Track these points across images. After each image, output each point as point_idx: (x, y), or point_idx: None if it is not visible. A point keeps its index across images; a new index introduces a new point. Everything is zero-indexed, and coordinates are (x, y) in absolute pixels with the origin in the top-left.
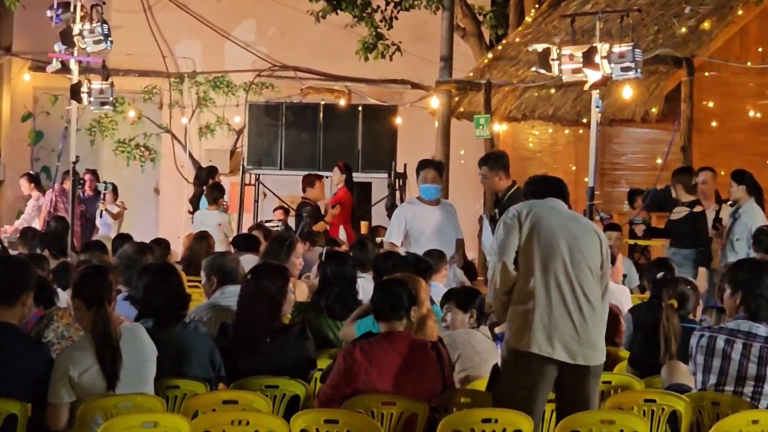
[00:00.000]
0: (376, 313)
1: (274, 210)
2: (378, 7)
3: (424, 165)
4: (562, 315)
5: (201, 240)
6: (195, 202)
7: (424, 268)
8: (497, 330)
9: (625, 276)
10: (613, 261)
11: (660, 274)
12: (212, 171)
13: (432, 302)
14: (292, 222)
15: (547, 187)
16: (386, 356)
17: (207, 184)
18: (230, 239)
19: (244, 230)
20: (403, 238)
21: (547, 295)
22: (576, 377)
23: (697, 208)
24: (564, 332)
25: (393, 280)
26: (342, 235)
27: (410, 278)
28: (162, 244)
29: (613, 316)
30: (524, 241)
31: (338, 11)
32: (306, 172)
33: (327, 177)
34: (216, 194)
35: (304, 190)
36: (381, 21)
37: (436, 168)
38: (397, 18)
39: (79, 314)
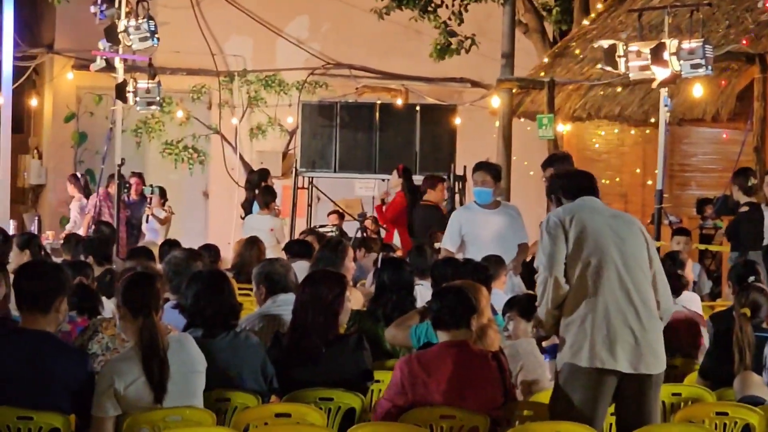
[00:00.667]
0: (435, 323)
1: (329, 214)
2: (442, 1)
3: (477, 168)
4: (621, 324)
5: (251, 246)
6: (247, 207)
7: (484, 276)
8: (545, 344)
9: (695, 283)
10: (683, 267)
11: (751, 278)
12: (264, 174)
13: (493, 311)
14: (347, 227)
15: (580, 184)
16: (445, 367)
17: (258, 188)
18: (283, 245)
19: (297, 236)
20: (461, 245)
21: (603, 304)
22: (637, 387)
23: (743, 209)
24: (624, 341)
25: (451, 288)
26: (397, 240)
27: (470, 285)
28: (211, 251)
29: (694, 326)
30: (572, 249)
31: (402, 8)
32: (361, 175)
33: (384, 180)
34: (268, 198)
35: (424, 192)
36: (449, 18)
37: (490, 170)
38: (467, 10)
39: (125, 323)
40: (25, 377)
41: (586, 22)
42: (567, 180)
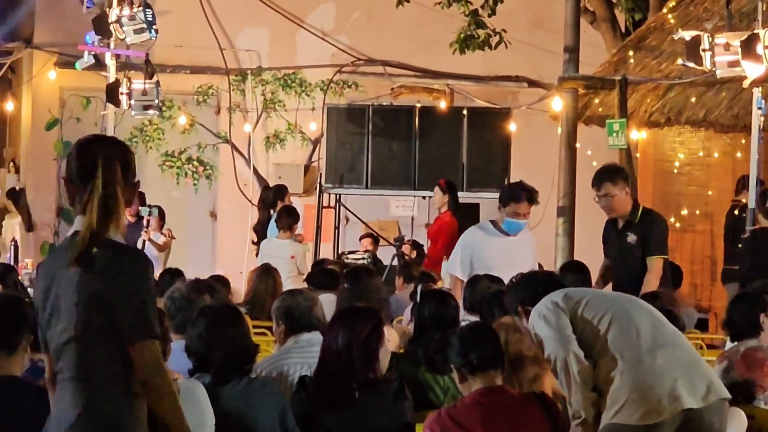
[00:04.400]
0: (464, 368)
1: (361, 238)
2: None
3: (515, 194)
4: (668, 361)
5: (264, 276)
6: (260, 230)
7: None
8: None
9: None
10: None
11: None
12: (282, 191)
13: None
14: (382, 253)
15: (549, 285)
16: (483, 420)
17: (274, 207)
18: (305, 276)
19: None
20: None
21: (637, 349)
22: (698, 423)
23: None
24: (680, 377)
25: (479, 325)
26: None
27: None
28: (220, 282)
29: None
30: (579, 322)
31: None
32: (398, 192)
33: (425, 198)
34: (290, 220)
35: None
36: (481, 6)
37: (530, 199)
38: (501, 1)
39: None
40: None
41: (664, 9)
42: (531, 286)
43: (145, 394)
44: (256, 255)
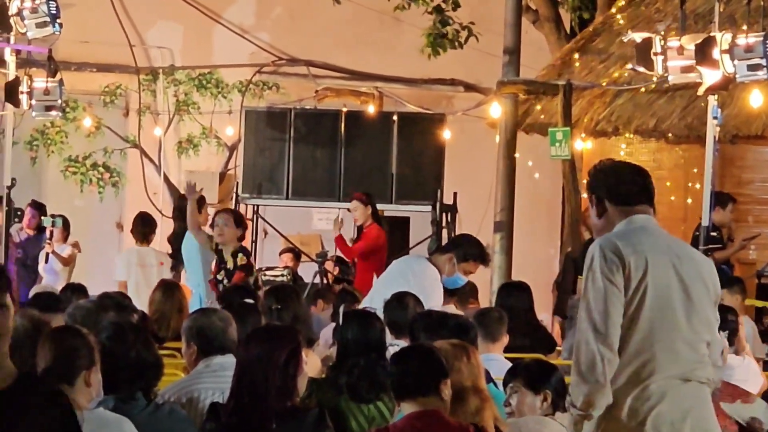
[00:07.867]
0: (397, 391)
1: (281, 253)
2: None
3: (483, 257)
4: (673, 402)
5: (169, 292)
6: (177, 242)
7: (472, 335)
8: None
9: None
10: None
11: None
12: (200, 201)
13: (490, 379)
14: (303, 270)
15: (636, 184)
16: None
17: None
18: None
19: None
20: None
21: (655, 373)
22: None
23: None
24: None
25: (416, 346)
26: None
27: (451, 346)
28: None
29: None
30: (629, 303)
31: None
32: (321, 203)
33: (350, 210)
34: (146, 229)
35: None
36: (442, 1)
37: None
38: None
39: None
40: None
41: (613, 9)
42: (616, 177)
43: None
44: (171, 269)
